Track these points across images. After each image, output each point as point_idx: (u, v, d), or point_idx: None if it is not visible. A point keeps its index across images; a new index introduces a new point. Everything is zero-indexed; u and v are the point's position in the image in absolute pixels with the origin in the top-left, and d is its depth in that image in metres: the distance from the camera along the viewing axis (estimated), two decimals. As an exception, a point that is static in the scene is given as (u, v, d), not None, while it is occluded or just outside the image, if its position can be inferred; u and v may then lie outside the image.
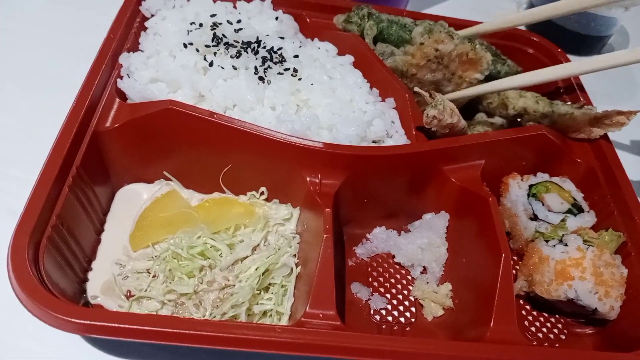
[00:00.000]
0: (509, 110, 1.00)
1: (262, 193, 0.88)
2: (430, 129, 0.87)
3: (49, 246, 0.68)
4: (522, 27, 1.18)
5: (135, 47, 0.95)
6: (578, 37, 1.33)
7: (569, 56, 1.32)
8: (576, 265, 0.80)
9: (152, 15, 1.00)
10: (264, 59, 0.93)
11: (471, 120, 1.03)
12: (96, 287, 0.76)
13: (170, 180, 0.88)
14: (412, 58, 0.94)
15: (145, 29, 0.98)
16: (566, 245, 0.82)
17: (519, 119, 1.01)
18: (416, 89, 0.89)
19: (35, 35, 1.13)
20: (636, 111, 0.92)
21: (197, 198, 0.88)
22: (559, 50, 1.12)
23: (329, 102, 0.90)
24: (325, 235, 0.73)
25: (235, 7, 1.04)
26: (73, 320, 0.60)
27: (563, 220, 0.86)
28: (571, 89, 1.05)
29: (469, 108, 1.04)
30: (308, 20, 1.07)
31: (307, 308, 0.68)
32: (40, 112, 0.97)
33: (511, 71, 1.08)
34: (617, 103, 1.28)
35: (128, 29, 0.95)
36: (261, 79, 0.90)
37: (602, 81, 1.33)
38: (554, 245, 0.83)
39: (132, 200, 0.86)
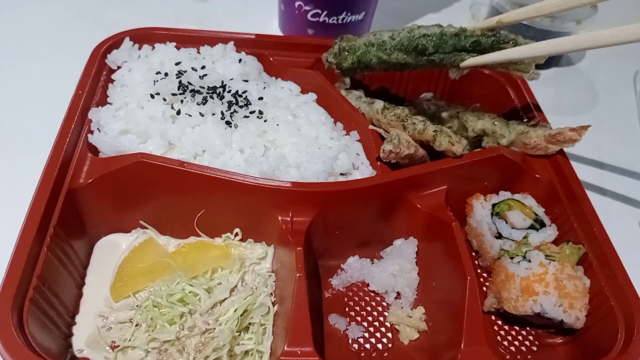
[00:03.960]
0: (469, 132, 1.04)
1: (236, 234, 0.91)
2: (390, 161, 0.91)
3: (32, 308, 0.70)
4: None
5: (103, 100, 0.98)
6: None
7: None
8: (539, 280, 0.84)
9: (119, 67, 1.03)
10: (230, 103, 0.96)
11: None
12: (81, 341, 0.78)
13: (147, 228, 0.91)
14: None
15: (112, 81, 1.01)
16: (529, 261, 0.86)
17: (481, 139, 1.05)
18: (371, 126, 0.93)
19: (3, 89, 1.15)
20: (586, 127, 0.96)
21: (173, 244, 0.90)
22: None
23: (295, 141, 0.93)
24: (297, 275, 0.76)
25: (199, 52, 1.08)
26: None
27: (525, 237, 0.90)
28: (527, 108, 1.10)
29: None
30: (271, 59, 1.11)
31: (285, 347, 0.71)
32: (14, 167, 0.99)
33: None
34: (579, 114, 1.34)
35: (95, 83, 0.98)
36: (228, 123, 0.93)
37: (563, 92, 1.39)
38: (519, 262, 0.86)
39: (110, 251, 0.89)
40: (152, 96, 0.95)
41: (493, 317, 0.91)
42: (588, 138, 0.97)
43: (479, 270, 0.97)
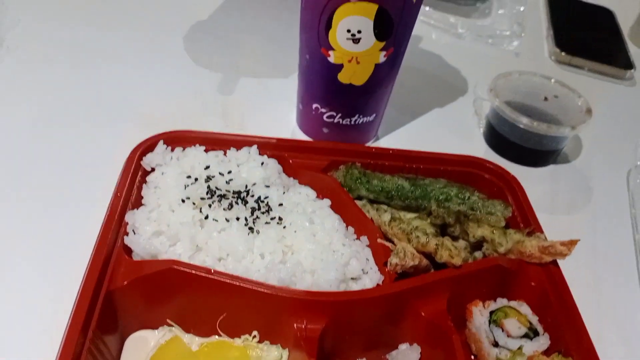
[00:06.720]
0: (470, 238, 1.13)
1: (254, 336, 0.99)
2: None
3: (71, 410, 0.78)
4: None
5: (138, 201, 1.07)
6: (535, 152, 1.48)
7: (526, 168, 1.49)
8: (531, 391, 0.91)
9: (152, 169, 1.13)
10: (253, 210, 1.06)
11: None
12: None
13: (173, 326, 0.99)
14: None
15: (146, 181, 1.11)
16: (522, 372, 0.94)
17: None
18: (379, 240, 1.03)
19: (42, 189, 1.21)
20: (575, 241, 1.05)
21: (196, 343, 0.98)
22: (511, 175, 1.26)
23: (311, 248, 1.02)
24: (310, 385, 0.84)
25: (225, 154, 1.18)
26: None
27: (519, 348, 0.98)
28: (524, 215, 1.19)
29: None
30: (290, 161, 1.21)
31: None
32: (54, 264, 1.06)
33: (479, 199, 1.21)
34: (574, 212, 1.43)
35: (132, 185, 1.08)
36: (251, 229, 1.02)
37: (559, 190, 1.48)
38: (513, 372, 0.94)
39: (139, 347, 0.96)
40: (183, 200, 1.04)
41: (489, 421, 0.98)
42: (584, 241, 1.06)
43: (476, 373, 1.05)
